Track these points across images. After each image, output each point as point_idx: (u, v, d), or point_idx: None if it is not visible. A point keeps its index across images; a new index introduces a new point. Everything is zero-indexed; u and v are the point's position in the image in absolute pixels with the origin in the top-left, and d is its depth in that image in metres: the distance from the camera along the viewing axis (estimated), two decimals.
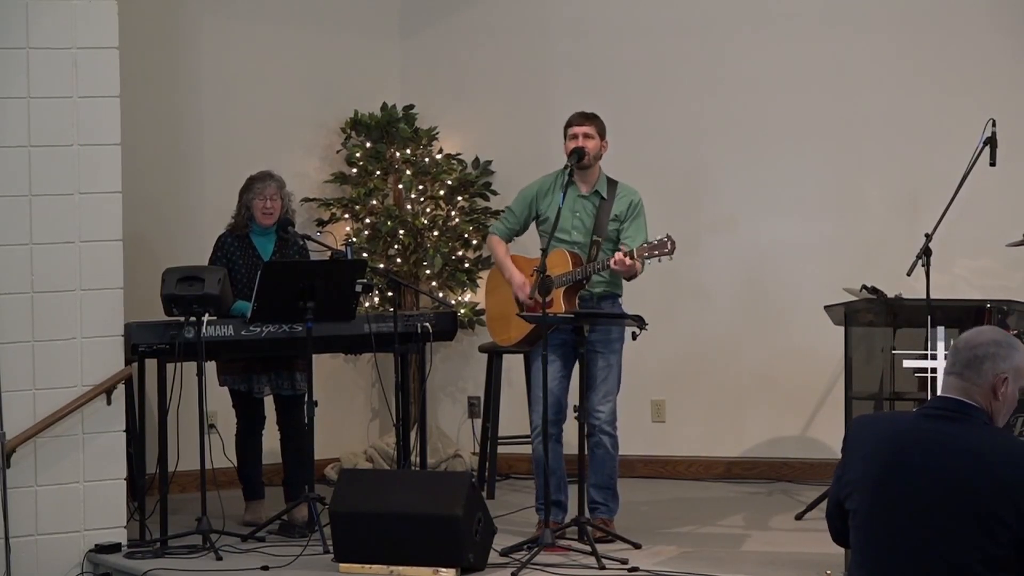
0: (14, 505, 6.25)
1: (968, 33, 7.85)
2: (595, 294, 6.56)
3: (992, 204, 7.48)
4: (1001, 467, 3.33)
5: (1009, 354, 3.47)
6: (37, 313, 6.37)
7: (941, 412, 3.49)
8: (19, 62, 6.35)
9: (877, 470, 3.48)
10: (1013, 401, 3.50)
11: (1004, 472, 3.32)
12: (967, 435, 3.42)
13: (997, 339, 3.50)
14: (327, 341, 6.82)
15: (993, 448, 3.38)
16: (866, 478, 3.50)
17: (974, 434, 3.42)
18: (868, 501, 3.49)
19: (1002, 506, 3.30)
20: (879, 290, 6.76)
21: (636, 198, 6.60)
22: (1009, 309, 6.45)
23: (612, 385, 6.53)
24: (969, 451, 3.38)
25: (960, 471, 3.35)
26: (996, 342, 3.49)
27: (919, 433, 3.48)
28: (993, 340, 3.50)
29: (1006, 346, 3.49)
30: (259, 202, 6.96)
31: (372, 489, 6.09)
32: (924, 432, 3.47)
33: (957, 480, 3.35)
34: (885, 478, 3.46)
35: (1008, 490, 3.30)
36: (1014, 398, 3.49)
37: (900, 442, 3.49)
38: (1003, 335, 3.52)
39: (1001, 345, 3.48)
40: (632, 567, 5.94)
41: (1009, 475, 3.32)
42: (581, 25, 8.50)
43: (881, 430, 3.56)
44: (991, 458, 3.35)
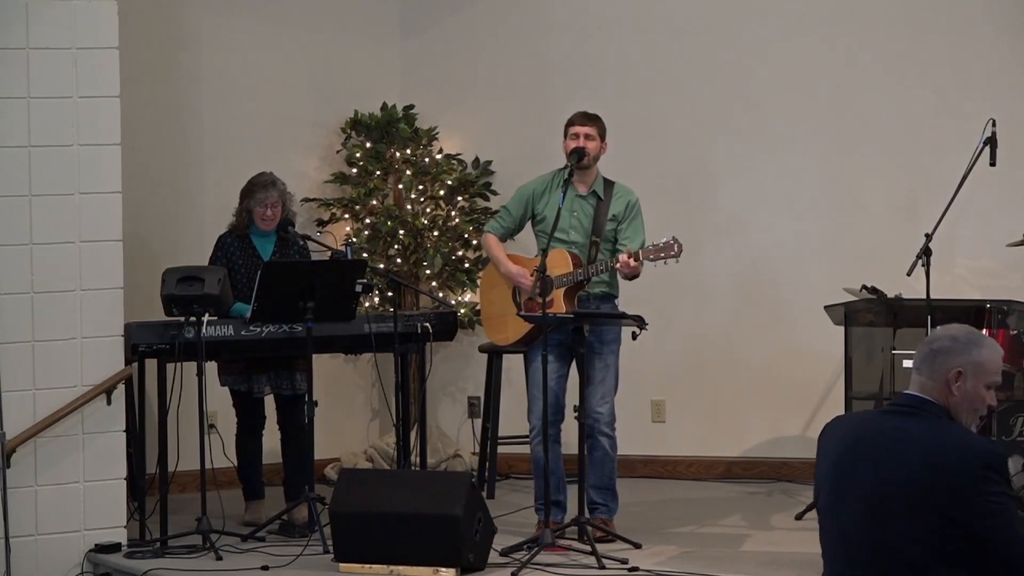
0: (14, 505, 6.25)
1: (968, 33, 7.84)
2: (593, 295, 6.56)
3: (992, 204, 7.48)
4: (943, 459, 3.33)
5: (966, 349, 3.46)
6: (37, 313, 6.37)
7: (898, 408, 3.52)
8: (19, 62, 6.35)
9: (832, 468, 3.52)
10: (975, 397, 3.47)
11: (945, 464, 3.32)
12: (915, 430, 3.42)
13: (956, 334, 3.49)
14: (327, 341, 6.82)
15: (937, 442, 3.37)
16: (825, 477, 3.54)
17: (922, 429, 3.42)
18: (825, 499, 3.54)
19: (945, 499, 3.30)
20: (879, 290, 6.77)
21: (633, 198, 6.60)
22: (1009, 309, 6.46)
23: (610, 386, 6.53)
24: (915, 445, 3.38)
25: (905, 465, 3.36)
26: (954, 337, 3.48)
27: (873, 430, 3.50)
28: (951, 335, 3.49)
29: (964, 341, 3.47)
30: (260, 209, 6.96)
31: (372, 489, 6.09)
32: (877, 429, 3.50)
33: (902, 474, 3.36)
34: (839, 475, 3.50)
35: (948, 481, 3.30)
36: (975, 394, 3.46)
37: (854, 440, 3.51)
38: (966, 331, 3.50)
39: (958, 340, 3.47)
40: (632, 567, 5.94)
41: (951, 469, 3.31)
42: (581, 25, 8.50)
43: (842, 430, 3.59)
44: (935, 452, 3.35)
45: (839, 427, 3.61)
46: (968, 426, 3.49)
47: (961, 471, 3.31)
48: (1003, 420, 6.42)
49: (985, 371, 3.47)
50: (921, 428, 3.42)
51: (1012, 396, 6.50)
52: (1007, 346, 6.54)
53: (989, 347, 3.49)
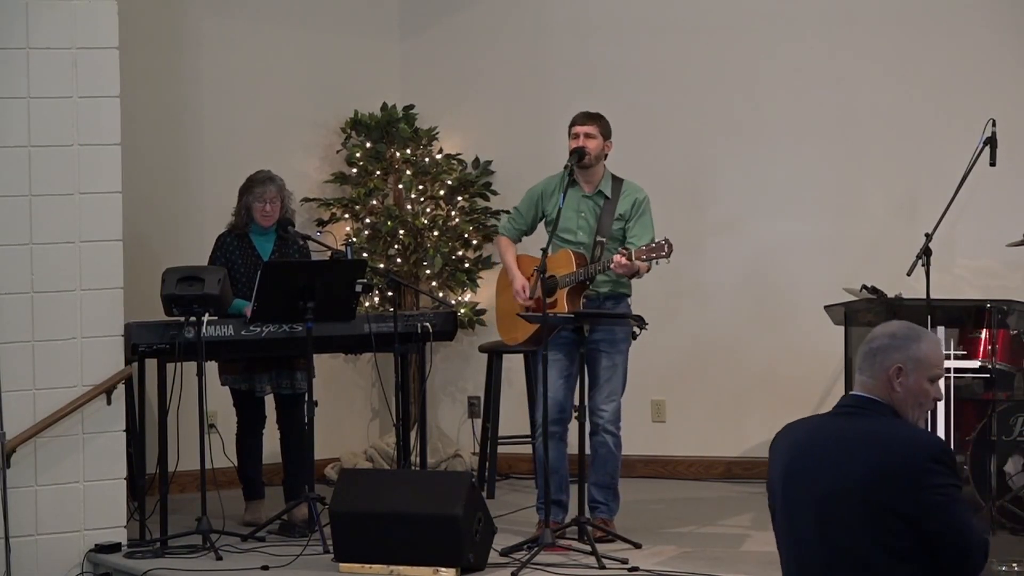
0: (14, 505, 6.26)
1: (968, 33, 7.84)
2: (601, 294, 6.56)
3: (992, 204, 7.47)
4: (887, 456, 3.33)
5: (904, 345, 3.45)
6: (37, 313, 6.38)
7: (843, 409, 3.52)
8: (19, 62, 6.35)
9: (783, 475, 3.52)
10: (918, 392, 3.46)
11: (890, 461, 3.32)
12: (860, 429, 3.42)
13: (894, 331, 3.49)
14: (327, 341, 6.82)
15: (881, 439, 3.37)
16: (776, 481, 3.54)
17: (866, 428, 3.42)
18: (778, 503, 3.54)
19: (891, 495, 3.30)
20: (879, 290, 6.76)
21: (641, 196, 6.61)
22: (1009, 309, 6.45)
23: (616, 385, 6.53)
24: (860, 445, 3.38)
25: (852, 466, 3.36)
26: (892, 334, 3.48)
27: (820, 434, 3.51)
28: (889, 333, 3.48)
29: (902, 337, 3.46)
30: (259, 205, 6.96)
31: (372, 489, 6.09)
32: (824, 432, 3.50)
33: (850, 476, 3.35)
34: (789, 482, 3.50)
35: (895, 478, 3.30)
36: (917, 389, 3.45)
37: (802, 446, 3.52)
38: (904, 327, 3.49)
39: (896, 336, 3.47)
40: (632, 567, 5.94)
41: (894, 463, 3.31)
42: (581, 25, 8.50)
43: (792, 436, 3.59)
44: (880, 449, 3.35)
45: (789, 434, 3.60)
46: (915, 421, 3.48)
47: (906, 466, 3.30)
48: (1003, 420, 6.42)
49: (925, 365, 3.46)
50: (865, 427, 3.42)
51: (1012, 396, 6.50)
52: (1007, 346, 6.54)
53: (928, 341, 3.48)
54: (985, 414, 6.42)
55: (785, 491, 3.52)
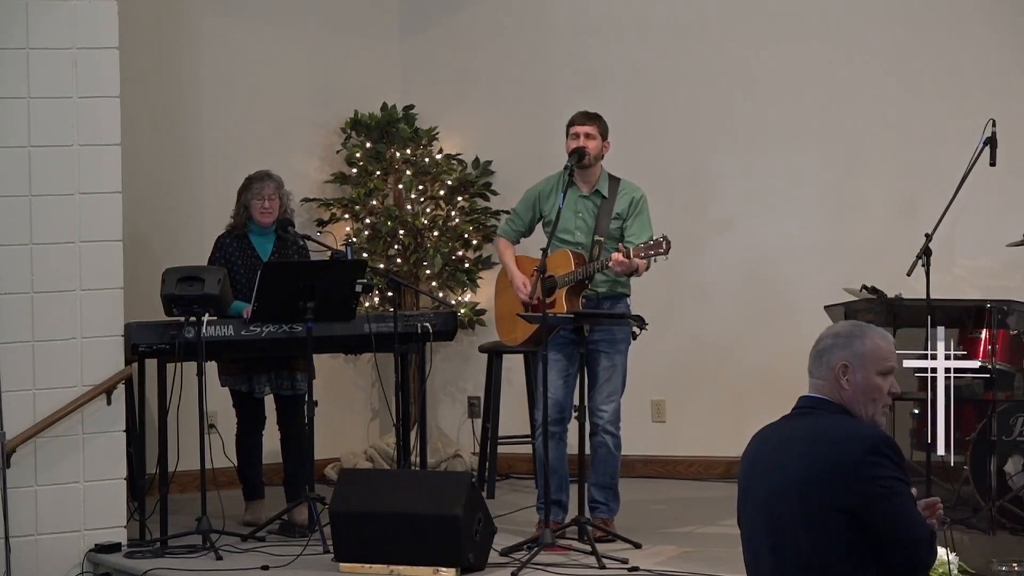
0: (14, 505, 6.26)
1: (968, 33, 7.84)
2: (600, 294, 6.56)
3: (992, 204, 7.47)
4: (826, 452, 3.34)
5: (848, 343, 3.47)
6: (37, 313, 6.38)
7: (795, 411, 3.55)
8: (19, 62, 6.35)
9: (741, 477, 3.56)
10: (868, 387, 3.46)
11: (828, 457, 3.33)
12: (803, 428, 3.45)
13: (838, 331, 3.52)
14: (327, 341, 6.82)
15: (820, 436, 3.39)
16: (739, 486, 3.58)
17: (809, 426, 3.44)
18: (738, 508, 3.56)
19: (830, 491, 3.30)
20: (879, 290, 6.77)
21: (638, 195, 6.61)
22: (1009, 309, 6.46)
23: (616, 385, 6.53)
24: (800, 444, 3.40)
25: (793, 466, 3.38)
26: (836, 334, 3.51)
27: (770, 436, 3.54)
28: (834, 332, 3.52)
29: (845, 335, 3.49)
30: (257, 202, 6.96)
31: (372, 489, 6.09)
32: (775, 434, 3.53)
33: (790, 476, 3.37)
34: (743, 487, 3.54)
35: (832, 473, 3.30)
36: (867, 384, 3.45)
37: (758, 446, 3.55)
38: (848, 326, 3.52)
39: (840, 335, 3.49)
40: (632, 567, 5.94)
41: (832, 459, 3.32)
42: (581, 25, 8.50)
43: (754, 440, 3.61)
44: (818, 446, 3.37)
45: (753, 440, 3.62)
46: (870, 418, 3.46)
47: (844, 460, 3.30)
48: (1003, 420, 6.42)
49: (871, 359, 3.46)
50: (808, 426, 3.44)
51: (1012, 396, 6.50)
52: (1007, 346, 6.54)
53: (872, 336, 3.48)
54: (985, 414, 6.42)
55: (740, 498, 3.55)
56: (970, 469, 6.38)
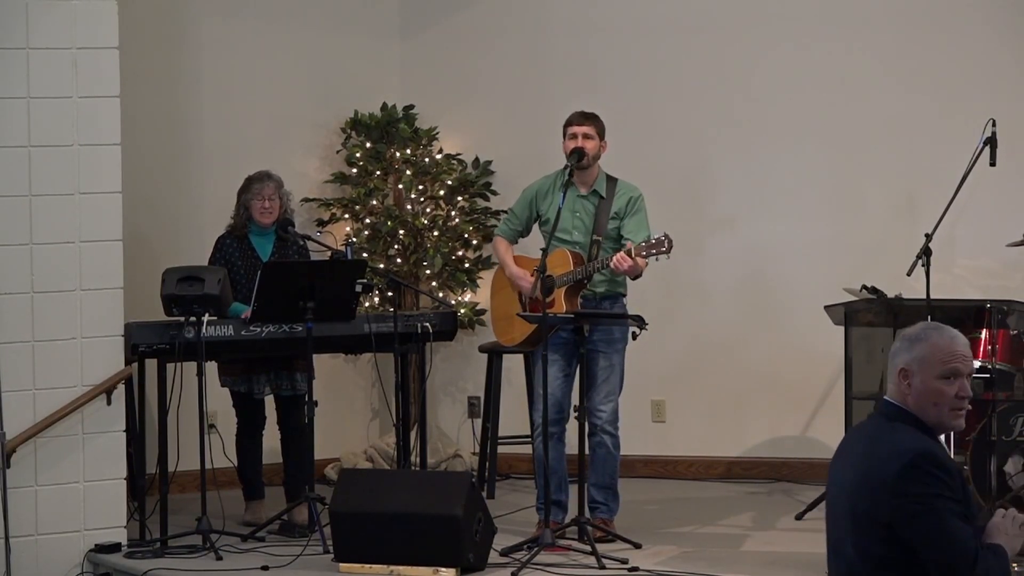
0: (14, 505, 6.25)
1: (968, 33, 7.84)
2: (598, 294, 6.56)
3: (992, 204, 7.48)
4: (873, 466, 3.34)
5: (908, 347, 3.44)
6: (37, 313, 6.38)
7: (875, 414, 3.56)
8: (19, 62, 6.35)
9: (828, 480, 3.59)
10: (930, 391, 3.41)
11: (874, 471, 3.33)
12: (867, 435, 3.46)
13: (907, 333, 3.50)
14: (327, 341, 6.82)
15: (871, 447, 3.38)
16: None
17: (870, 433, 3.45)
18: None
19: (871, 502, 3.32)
20: (879, 290, 6.77)
21: (635, 194, 6.60)
22: (1009, 309, 6.46)
23: (614, 385, 6.53)
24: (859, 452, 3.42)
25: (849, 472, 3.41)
26: (903, 336, 3.49)
27: (851, 435, 3.60)
28: (903, 335, 3.50)
29: (909, 339, 3.46)
30: (257, 202, 6.96)
31: (372, 489, 6.09)
32: (851, 436, 3.59)
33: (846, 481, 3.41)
34: (828, 482, 3.58)
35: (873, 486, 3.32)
36: (928, 388, 3.41)
37: (840, 446, 3.58)
38: (917, 329, 3.48)
39: (905, 338, 3.47)
40: (632, 567, 5.94)
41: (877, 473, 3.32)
42: (581, 25, 8.50)
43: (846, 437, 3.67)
44: (870, 457, 3.37)
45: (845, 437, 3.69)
46: (939, 423, 3.43)
47: (883, 474, 3.30)
48: (1003, 420, 6.42)
49: (930, 363, 3.41)
50: (868, 433, 3.45)
51: (1012, 396, 6.50)
52: (1007, 346, 6.54)
53: (934, 338, 3.43)
54: (985, 414, 6.42)
55: (826, 494, 3.61)
56: (970, 469, 6.37)
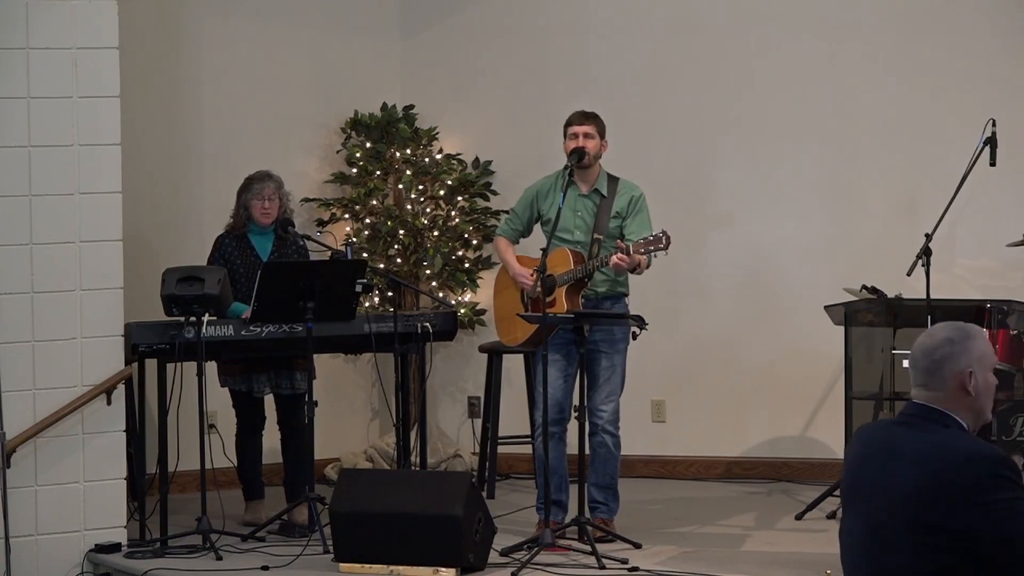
0: (14, 505, 6.26)
1: (968, 33, 7.84)
2: (599, 293, 6.56)
3: (992, 204, 7.48)
4: (946, 472, 3.25)
5: (966, 347, 3.39)
6: (37, 313, 6.38)
7: (906, 418, 3.45)
8: (19, 62, 6.35)
9: (849, 480, 3.48)
10: (990, 388, 3.42)
11: (948, 478, 3.24)
12: (921, 441, 3.35)
13: (950, 336, 3.41)
14: (327, 341, 6.82)
15: (939, 454, 3.30)
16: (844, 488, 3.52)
17: (923, 440, 3.35)
18: (844, 511, 3.50)
19: (948, 512, 3.23)
20: (879, 290, 6.77)
21: (637, 193, 6.61)
22: (1009, 309, 6.46)
23: (615, 385, 6.53)
24: (918, 458, 3.31)
25: (907, 479, 3.30)
26: (950, 340, 3.40)
27: (880, 441, 3.44)
28: (946, 339, 3.41)
29: (960, 340, 3.40)
30: (257, 202, 6.96)
31: (372, 489, 6.09)
32: (884, 440, 3.44)
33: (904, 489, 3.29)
34: (850, 490, 3.46)
35: (953, 496, 3.23)
36: (988, 384, 3.41)
37: (863, 450, 3.47)
38: (955, 330, 3.43)
39: (955, 342, 3.40)
40: (632, 567, 5.94)
41: (952, 480, 3.24)
42: (580, 25, 8.50)
43: (860, 439, 3.55)
44: (937, 463, 3.28)
45: (858, 437, 3.57)
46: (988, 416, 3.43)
47: (962, 481, 3.23)
48: (1003, 420, 6.43)
49: (989, 358, 3.42)
50: (922, 440, 3.35)
51: (1012, 396, 6.50)
52: (1007, 346, 6.54)
53: (981, 335, 3.43)
54: None
55: (846, 501, 3.49)
56: None
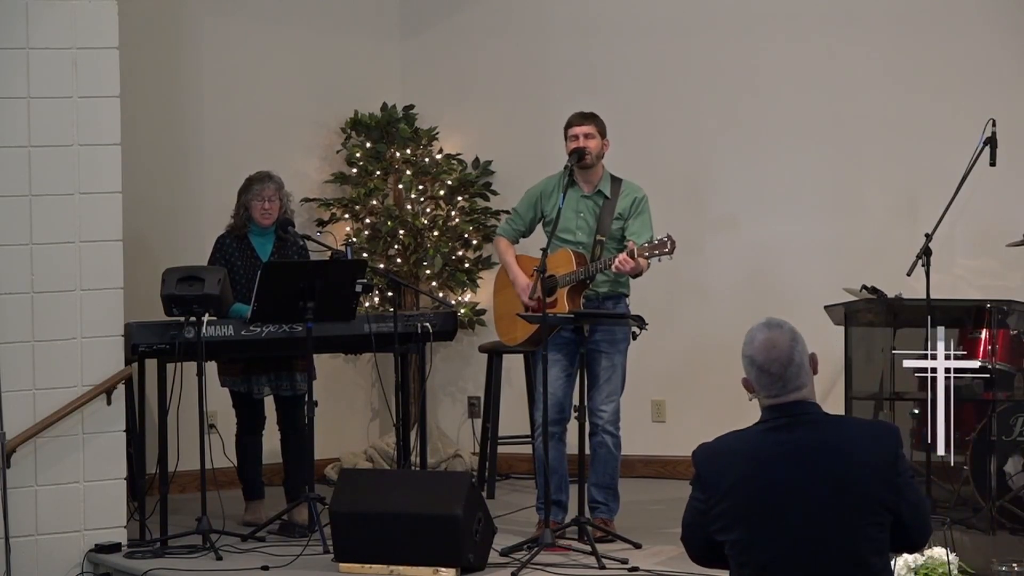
0: (14, 505, 6.26)
1: (968, 33, 7.84)
2: (600, 294, 6.56)
3: (992, 204, 7.47)
4: (865, 451, 3.36)
5: (797, 336, 3.56)
6: (37, 313, 6.38)
7: (794, 419, 3.47)
8: (19, 62, 6.35)
9: (752, 495, 3.41)
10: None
11: (869, 454, 3.36)
12: (826, 433, 3.42)
13: (790, 334, 3.54)
14: (327, 341, 6.82)
15: (852, 436, 3.41)
16: (741, 507, 3.42)
17: (828, 430, 3.43)
18: (753, 527, 3.40)
19: (878, 487, 3.33)
20: (879, 290, 6.76)
21: (640, 195, 6.61)
22: (1009, 309, 6.45)
23: (616, 385, 6.53)
24: (834, 447, 3.39)
25: (834, 469, 3.36)
26: (793, 338, 3.53)
27: (781, 447, 3.45)
28: (791, 338, 3.53)
29: (791, 332, 3.56)
30: (257, 203, 6.96)
31: (372, 489, 6.09)
32: (786, 445, 3.44)
33: (834, 479, 3.34)
34: (765, 500, 3.40)
35: (878, 470, 3.34)
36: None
37: (766, 461, 3.44)
38: (786, 327, 3.55)
39: (797, 338, 3.54)
40: (632, 567, 5.94)
41: (874, 455, 3.36)
42: (581, 25, 8.50)
43: (738, 456, 3.50)
44: (853, 446, 3.38)
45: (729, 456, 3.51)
46: None
47: (888, 458, 3.36)
48: (1003, 420, 6.42)
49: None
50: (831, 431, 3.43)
51: (1012, 396, 6.50)
52: (1007, 346, 6.53)
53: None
54: (985, 414, 6.42)
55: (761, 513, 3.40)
56: (970, 469, 6.37)
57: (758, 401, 3.57)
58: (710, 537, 3.47)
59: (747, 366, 3.53)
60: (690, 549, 3.58)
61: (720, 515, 3.43)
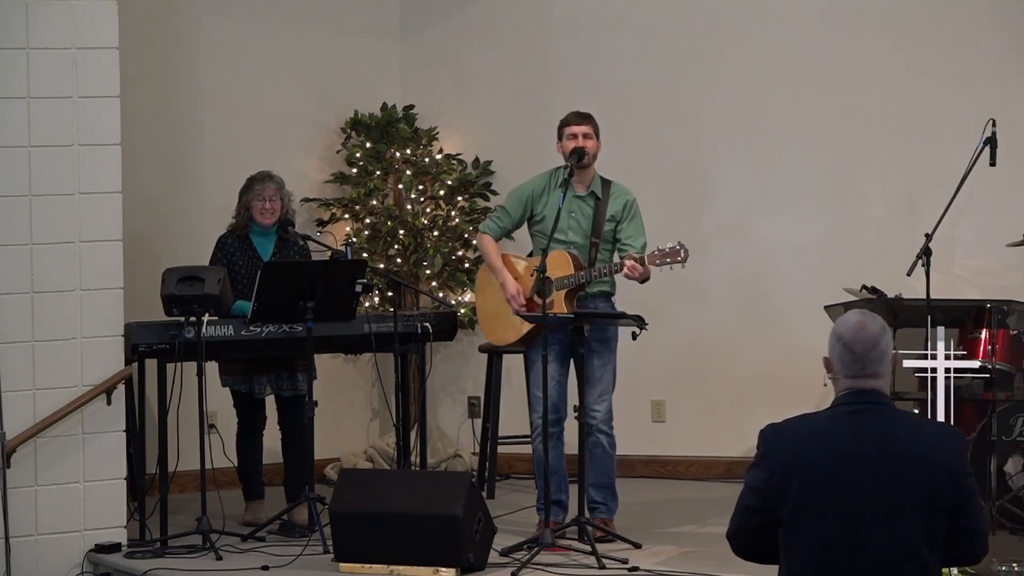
0: (14, 505, 6.26)
1: (968, 32, 7.84)
2: (589, 293, 6.55)
3: (992, 204, 7.48)
4: (933, 449, 3.40)
5: (888, 329, 3.53)
6: (37, 313, 6.38)
7: (866, 407, 3.49)
8: (19, 62, 6.35)
9: (817, 476, 3.43)
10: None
11: (936, 453, 3.39)
12: (896, 425, 3.46)
13: (885, 327, 3.52)
14: (327, 341, 6.82)
15: (922, 433, 3.45)
16: (805, 487, 3.43)
17: (900, 423, 3.47)
18: (812, 508, 3.42)
19: (941, 486, 3.36)
20: (879, 290, 6.76)
21: (631, 198, 6.60)
22: (1009, 309, 6.45)
23: (608, 384, 6.52)
24: (904, 440, 3.42)
25: (899, 461, 3.39)
26: (883, 328, 3.51)
27: (851, 432, 3.46)
28: (883, 328, 3.51)
29: (885, 325, 3.52)
30: (258, 203, 6.96)
31: (372, 489, 6.09)
32: (856, 430, 3.46)
33: (899, 470, 3.38)
34: (828, 482, 3.42)
35: (944, 470, 3.37)
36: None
37: (835, 444, 3.46)
38: (879, 319, 3.53)
39: (886, 330, 3.52)
40: (632, 567, 5.94)
41: (942, 455, 3.39)
42: (580, 25, 8.50)
43: (807, 438, 3.51)
44: (923, 443, 3.42)
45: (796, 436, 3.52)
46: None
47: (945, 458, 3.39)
48: (1003, 420, 6.42)
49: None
50: (899, 424, 3.46)
51: (1012, 396, 6.50)
52: (1007, 346, 6.53)
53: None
54: (985, 414, 6.42)
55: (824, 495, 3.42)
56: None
57: (833, 385, 3.56)
58: (766, 522, 3.50)
59: (833, 343, 3.53)
60: (739, 540, 3.63)
61: (781, 492, 3.46)
